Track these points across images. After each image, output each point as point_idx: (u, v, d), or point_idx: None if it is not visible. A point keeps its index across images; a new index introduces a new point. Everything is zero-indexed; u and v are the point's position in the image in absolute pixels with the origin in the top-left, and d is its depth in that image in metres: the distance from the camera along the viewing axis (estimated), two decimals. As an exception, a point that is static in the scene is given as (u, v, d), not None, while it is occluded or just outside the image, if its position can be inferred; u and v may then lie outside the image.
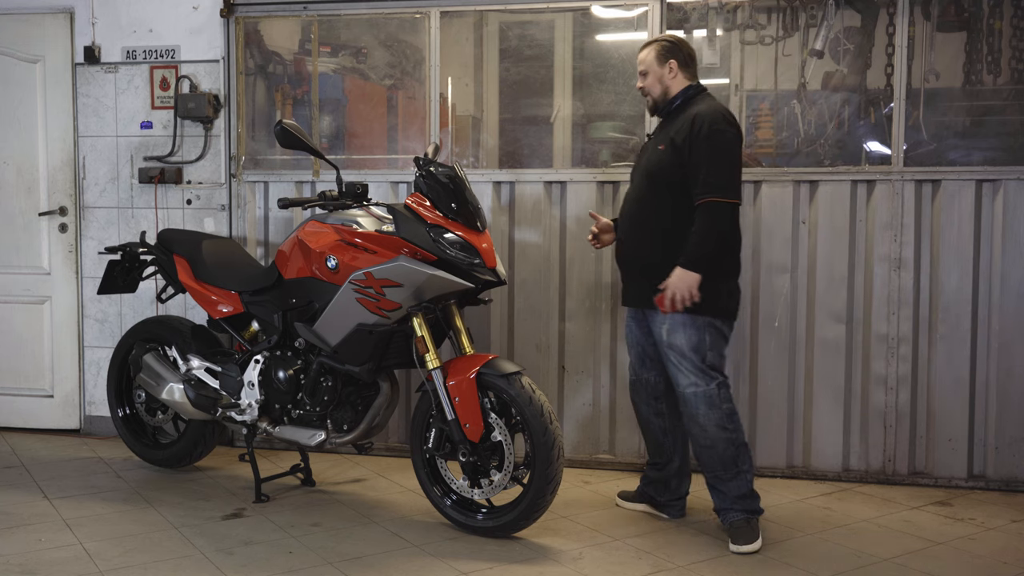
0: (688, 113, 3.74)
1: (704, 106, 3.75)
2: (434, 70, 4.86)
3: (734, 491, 3.76)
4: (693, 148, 3.65)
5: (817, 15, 4.69)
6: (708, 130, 3.65)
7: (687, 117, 3.73)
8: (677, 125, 3.76)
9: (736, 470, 3.75)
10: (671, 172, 3.72)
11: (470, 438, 3.70)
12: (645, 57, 3.90)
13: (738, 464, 3.75)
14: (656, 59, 3.87)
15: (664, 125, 3.89)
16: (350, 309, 3.80)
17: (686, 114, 3.75)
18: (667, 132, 3.80)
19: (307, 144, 3.97)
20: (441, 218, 3.74)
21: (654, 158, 3.81)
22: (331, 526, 3.92)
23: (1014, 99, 4.65)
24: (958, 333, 4.46)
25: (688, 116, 3.73)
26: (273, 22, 5.17)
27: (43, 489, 4.41)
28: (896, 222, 4.48)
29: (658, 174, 3.76)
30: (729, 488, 3.76)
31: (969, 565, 3.58)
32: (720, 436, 3.73)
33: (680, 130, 3.72)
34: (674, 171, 3.71)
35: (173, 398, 4.42)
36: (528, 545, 3.71)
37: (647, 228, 3.81)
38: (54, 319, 5.37)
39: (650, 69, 3.88)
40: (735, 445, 3.75)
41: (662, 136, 3.83)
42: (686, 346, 3.72)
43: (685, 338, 3.72)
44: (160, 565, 3.50)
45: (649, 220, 3.80)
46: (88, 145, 5.27)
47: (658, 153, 3.78)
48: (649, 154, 3.88)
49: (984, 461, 4.47)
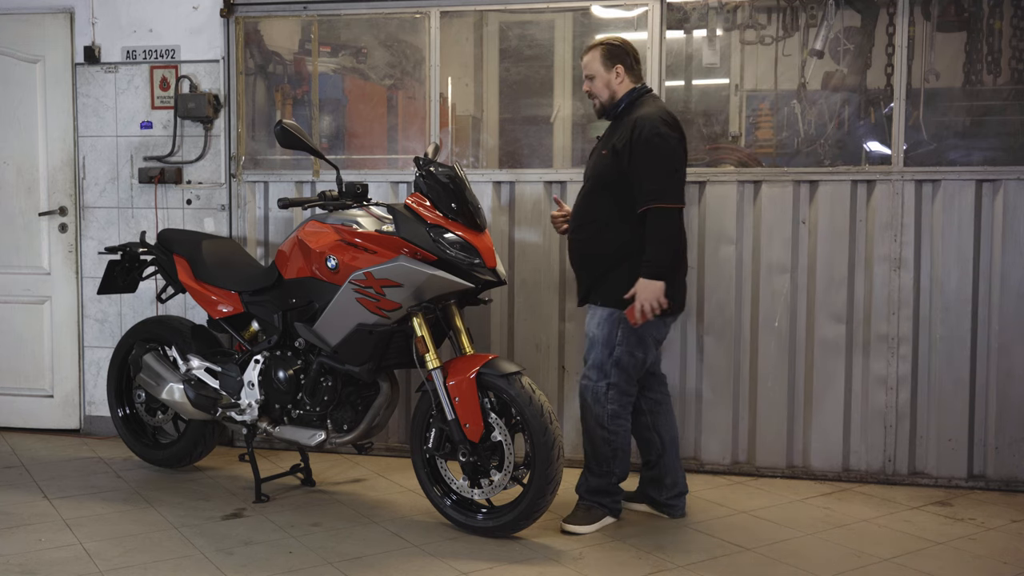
0: (629, 119, 3.82)
1: (645, 110, 3.80)
2: (434, 70, 4.86)
3: (594, 485, 3.92)
4: (633, 154, 3.72)
5: (817, 15, 4.69)
6: (647, 135, 3.70)
7: (628, 123, 3.81)
8: (618, 131, 3.84)
9: (606, 470, 3.89)
10: (611, 176, 3.81)
11: (470, 438, 3.70)
12: (591, 61, 3.92)
13: (610, 466, 3.88)
14: (603, 63, 3.90)
15: (611, 129, 3.94)
16: (350, 309, 3.80)
17: (629, 118, 3.83)
18: (608, 138, 3.90)
19: (307, 144, 3.97)
20: (441, 218, 3.74)
21: (599, 163, 3.89)
22: (331, 526, 3.92)
23: (1014, 99, 4.65)
24: (958, 333, 4.46)
25: (630, 121, 3.80)
26: (273, 22, 5.17)
27: (43, 489, 4.41)
28: (896, 222, 4.48)
29: (601, 179, 3.86)
30: (591, 481, 3.92)
31: (969, 565, 3.57)
32: (597, 433, 3.87)
33: (622, 136, 3.80)
34: (613, 174, 3.80)
35: (173, 398, 4.42)
36: (528, 545, 3.71)
37: (587, 231, 3.89)
38: (54, 319, 5.36)
39: (596, 73, 3.91)
40: (611, 447, 3.86)
41: (605, 141, 3.92)
42: (599, 338, 3.84)
43: (600, 331, 3.84)
44: (160, 565, 3.50)
45: (590, 222, 3.89)
46: (88, 145, 5.27)
47: (602, 158, 3.87)
48: (596, 158, 3.95)
49: (984, 461, 4.47)
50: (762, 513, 4.13)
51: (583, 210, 3.93)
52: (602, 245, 3.85)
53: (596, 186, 3.88)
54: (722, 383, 4.67)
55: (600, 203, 3.86)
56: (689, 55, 4.93)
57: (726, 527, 3.94)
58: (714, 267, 4.65)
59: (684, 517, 4.05)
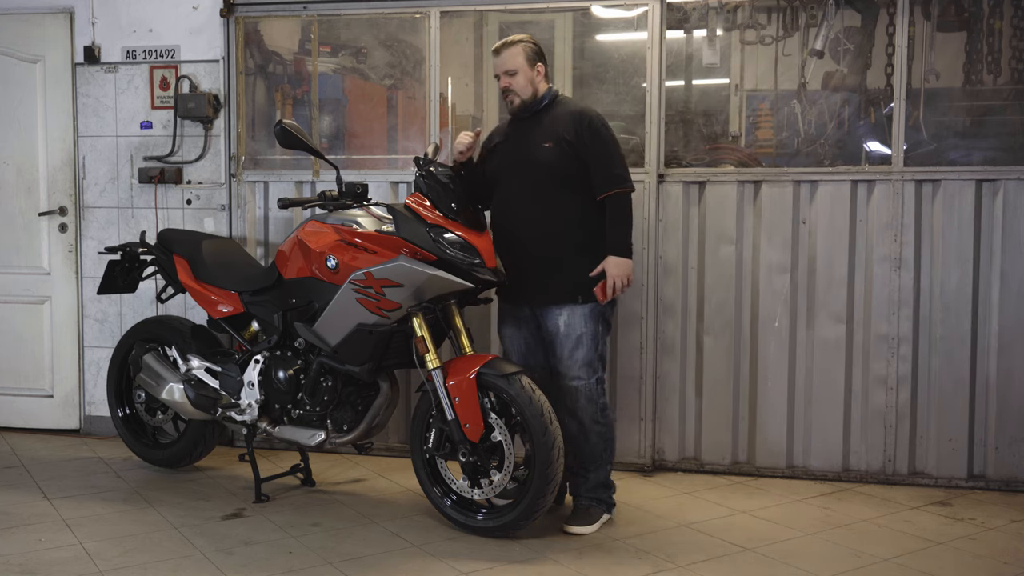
0: (563, 111, 3.89)
1: (577, 105, 3.97)
2: (434, 70, 4.86)
3: (594, 480, 3.93)
4: (589, 144, 3.81)
5: (817, 15, 4.69)
6: (597, 125, 3.85)
7: (566, 115, 3.87)
8: (554, 124, 3.86)
9: (601, 461, 3.93)
10: (566, 168, 3.83)
11: (470, 438, 3.70)
12: (513, 57, 3.91)
13: (605, 456, 3.94)
14: (527, 60, 3.92)
15: (529, 125, 3.92)
16: (350, 309, 3.80)
17: (560, 112, 3.89)
18: (543, 132, 3.87)
19: (307, 144, 3.97)
20: (441, 218, 3.74)
21: (540, 156, 3.85)
22: (331, 526, 3.92)
23: (1014, 99, 4.65)
24: (958, 333, 4.46)
25: (566, 114, 3.87)
26: (273, 22, 5.17)
27: (43, 489, 4.41)
28: (896, 222, 4.48)
29: (551, 171, 3.84)
30: (591, 477, 3.93)
31: (969, 565, 3.57)
32: (593, 429, 3.88)
33: (564, 128, 3.83)
34: (569, 167, 3.83)
35: (173, 398, 4.42)
36: (528, 545, 3.71)
37: (555, 225, 3.86)
38: (54, 319, 5.36)
39: (520, 69, 3.91)
40: (605, 439, 3.92)
41: (539, 136, 3.87)
42: (584, 337, 3.84)
43: (584, 329, 3.84)
44: (160, 565, 3.50)
45: (557, 217, 3.86)
46: (88, 145, 5.27)
47: (545, 151, 3.84)
48: (529, 152, 3.87)
49: (984, 461, 4.47)
50: (762, 513, 4.13)
51: (544, 206, 3.86)
52: (576, 240, 3.85)
53: (551, 179, 3.84)
54: (722, 383, 4.67)
55: (562, 197, 3.85)
56: (689, 55, 4.93)
57: (726, 527, 3.94)
58: (714, 267, 4.65)
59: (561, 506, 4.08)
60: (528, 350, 4.02)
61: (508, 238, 3.94)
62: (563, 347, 3.86)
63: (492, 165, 4.02)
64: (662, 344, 4.69)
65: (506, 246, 3.94)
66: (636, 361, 4.66)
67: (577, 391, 3.86)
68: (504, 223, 3.97)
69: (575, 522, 3.87)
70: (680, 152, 4.80)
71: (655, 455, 4.73)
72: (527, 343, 4.02)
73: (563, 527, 3.85)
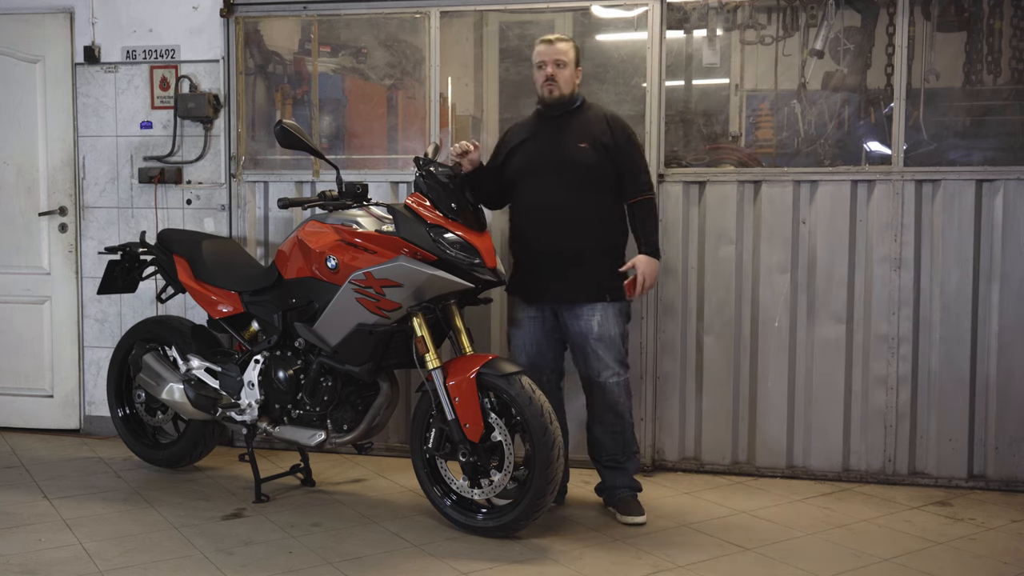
0: (594, 115, 3.98)
1: (607, 110, 4.07)
2: (434, 70, 4.86)
3: (632, 470, 4.05)
4: (622, 149, 3.94)
5: (817, 15, 4.69)
6: (629, 131, 4.00)
7: (599, 119, 3.96)
8: (588, 126, 3.93)
9: (633, 450, 4.07)
10: (602, 170, 3.91)
11: (470, 438, 3.70)
12: (566, 52, 3.97)
13: (634, 445, 4.08)
14: (575, 58, 4.00)
15: (560, 125, 3.96)
16: (350, 309, 3.80)
17: (591, 116, 3.97)
18: (577, 132, 3.93)
19: (307, 144, 3.97)
20: (441, 218, 3.74)
21: (577, 157, 3.90)
22: (331, 526, 3.92)
23: (1014, 99, 4.65)
24: (958, 333, 4.46)
25: (599, 118, 3.97)
26: (273, 22, 5.17)
27: (43, 489, 4.41)
28: (896, 222, 4.48)
29: (588, 172, 3.90)
30: (629, 467, 4.04)
31: (969, 565, 3.57)
32: (629, 421, 4.03)
33: (601, 131, 3.92)
34: (605, 169, 3.91)
35: (173, 398, 4.42)
36: (528, 545, 3.71)
37: (587, 225, 3.92)
38: (54, 319, 5.36)
39: (569, 65, 3.98)
40: (632, 428, 4.08)
41: (573, 136, 3.92)
42: (616, 335, 3.95)
43: (616, 328, 3.95)
44: (160, 565, 3.50)
45: (588, 217, 3.92)
46: (88, 145, 5.27)
47: (581, 151, 3.90)
48: (564, 152, 3.92)
49: (984, 461, 4.47)
50: (762, 513, 4.13)
51: (576, 205, 3.91)
52: (604, 240, 3.94)
53: (584, 180, 3.90)
54: (722, 383, 4.67)
55: (593, 198, 3.92)
56: (689, 55, 4.93)
57: (726, 527, 3.94)
58: (714, 267, 4.65)
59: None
60: (538, 351, 4.03)
61: (534, 236, 3.99)
62: (598, 346, 3.93)
63: (517, 162, 4.03)
64: (662, 344, 4.69)
65: (531, 244, 3.99)
66: (636, 361, 4.65)
67: (617, 387, 3.96)
68: (531, 221, 4.00)
69: (633, 512, 3.94)
70: (680, 152, 4.81)
71: (655, 455, 4.73)
72: (537, 343, 4.03)
73: (621, 520, 3.94)
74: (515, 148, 4.05)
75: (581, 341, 3.95)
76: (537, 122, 4.06)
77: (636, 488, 4.07)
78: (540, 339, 4.04)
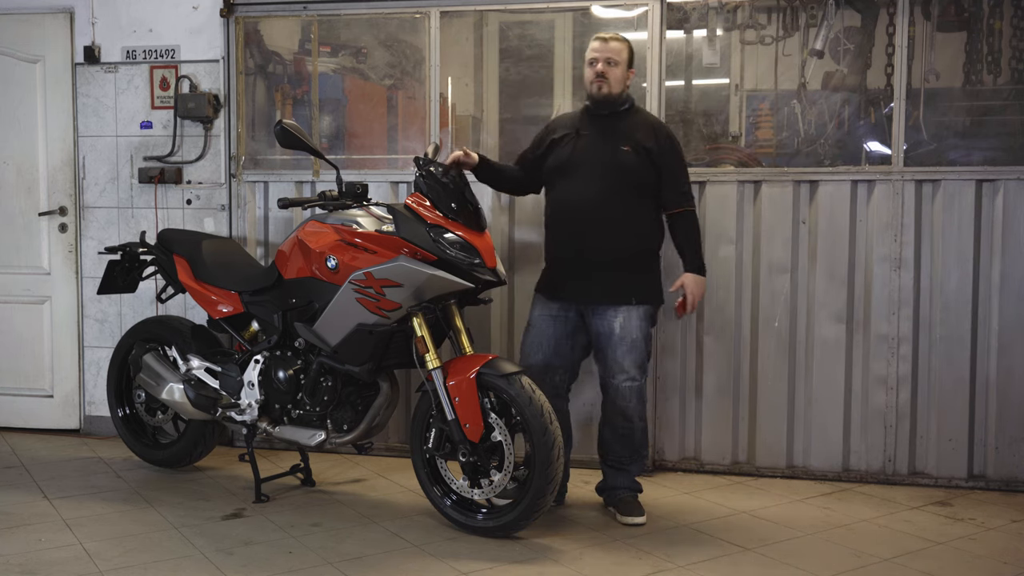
0: (641, 120, 3.98)
1: (654, 117, 4.11)
2: (434, 70, 4.86)
3: (635, 472, 4.05)
4: (665, 157, 3.93)
5: (817, 15, 4.69)
6: (675, 141, 4.00)
7: (645, 124, 3.96)
8: (633, 130, 3.92)
9: (642, 453, 4.08)
10: (643, 175, 3.90)
11: (470, 438, 3.70)
12: (620, 52, 3.96)
13: (643, 450, 4.09)
14: (628, 59, 3.99)
15: (608, 125, 3.95)
16: (350, 309, 3.80)
17: (639, 120, 3.97)
18: (622, 135, 3.92)
19: (307, 144, 3.97)
20: (441, 218, 3.74)
21: (619, 159, 3.90)
22: (331, 526, 3.92)
23: (1014, 99, 4.65)
24: (958, 333, 4.46)
25: (645, 124, 3.97)
26: (273, 22, 5.17)
27: (43, 489, 4.41)
28: (896, 222, 4.48)
29: (629, 175, 3.89)
30: (632, 469, 4.04)
31: (969, 565, 3.57)
32: (639, 426, 4.01)
33: (644, 136, 3.91)
34: (646, 175, 3.90)
35: (173, 398, 4.42)
36: (528, 545, 3.71)
37: (626, 228, 3.90)
38: (54, 319, 5.36)
39: (622, 64, 3.97)
40: (644, 434, 4.06)
41: (618, 138, 3.91)
42: (639, 339, 3.93)
43: (639, 331, 3.92)
44: (160, 565, 3.50)
45: (628, 221, 3.91)
46: (88, 145, 5.27)
47: (625, 155, 3.89)
48: (610, 154, 3.91)
49: (984, 461, 4.47)
50: (762, 513, 4.13)
51: (617, 208, 3.90)
52: (638, 244, 3.93)
53: (627, 184, 3.89)
54: (722, 383, 4.67)
55: (634, 202, 3.91)
56: (689, 55, 4.93)
57: (726, 527, 3.94)
58: (714, 267, 4.64)
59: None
60: (554, 350, 4.01)
61: (568, 234, 3.97)
62: (617, 348, 3.92)
63: (559, 157, 4.00)
64: (662, 344, 4.69)
65: (564, 241, 3.98)
66: (636, 361, 4.65)
67: (631, 391, 3.93)
68: (566, 219, 3.98)
69: (633, 512, 3.95)
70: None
71: (655, 455, 4.73)
72: (556, 342, 4.01)
73: (621, 520, 3.95)
74: (557, 141, 4.03)
75: (602, 342, 3.95)
76: (583, 118, 4.04)
77: (637, 489, 4.07)
78: (560, 338, 4.01)
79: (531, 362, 4.01)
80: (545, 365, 3.99)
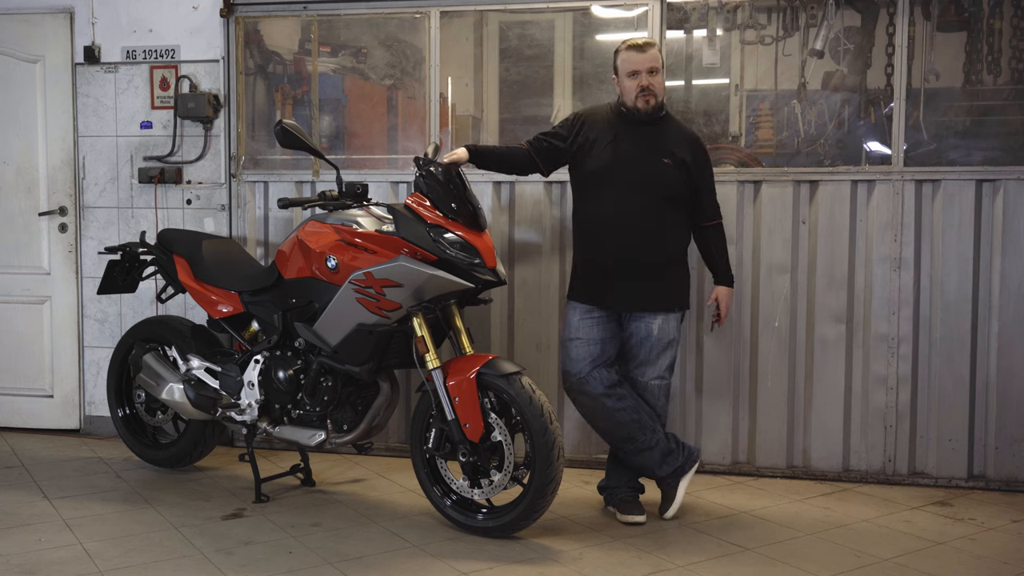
0: (674, 129, 3.98)
1: (685, 126, 4.08)
2: (434, 70, 4.86)
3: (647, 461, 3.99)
4: (701, 169, 3.96)
5: (817, 15, 4.69)
6: (707, 153, 4.02)
7: (680, 135, 3.95)
8: (672, 141, 3.91)
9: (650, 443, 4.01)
10: (680, 187, 3.92)
11: (470, 438, 3.70)
12: (657, 59, 3.90)
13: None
14: (663, 65, 3.97)
15: (647, 134, 3.91)
16: (350, 309, 3.80)
17: (673, 129, 3.96)
18: (661, 145, 3.89)
19: (307, 144, 3.97)
20: (441, 218, 3.74)
21: (660, 171, 3.88)
22: (331, 526, 3.92)
23: (1014, 99, 4.65)
24: (958, 333, 4.46)
25: (679, 133, 3.97)
26: (273, 22, 5.17)
27: (43, 489, 4.41)
28: (896, 222, 4.48)
29: (669, 187, 3.89)
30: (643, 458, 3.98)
31: (969, 565, 3.58)
32: (665, 421, 4.07)
33: (680, 147, 3.90)
34: (683, 187, 3.92)
35: (173, 398, 4.42)
36: (528, 545, 3.71)
37: (664, 237, 3.93)
38: (54, 319, 5.36)
39: (662, 71, 3.95)
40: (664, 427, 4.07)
41: (657, 148, 3.89)
42: (673, 341, 4.01)
43: (674, 333, 4.01)
44: (160, 565, 3.50)
45: (666, 230, 3.93)
46: (88, 145, 5.27)
47: (665, 167, 3.87)
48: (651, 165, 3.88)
49: (984, 461, 4.47)
50: (762, 513, 4.13)
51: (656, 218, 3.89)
52: (676, 253, 3.97)
53: (666, 194, 3.88)
54: (722, 383, 4.67)
55: (671, 212, 3.92)
56: (689, 55, 4.93)
57: (726, 527, 3.94)
58: (714, 267, 4.65)
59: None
60: (602, 352, 3.98)
61: (611, 243, 3.93)
62: (652, 350, 3.97)
63: (598, 164, 3.91)
64: (662, 344, 4.69)
65: (607, 250, 3.94)
66: (636, 361, 4.65)
67: (659, 388, 4.02)
68: (609, 228, 3.92)
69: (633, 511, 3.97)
70: (680, 152, 4.80)
71: (655, 455, 4.73)
72: (603, 344, 3.98)
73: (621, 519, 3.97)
74: (594, 145, 3.94)
75: (637, 342, 3.96)
76: (619, 124, 3.94)
77: (638, 488, 4.07)
78: (605, 339, 3.98)
79: (582, 366, 3.96)
80: (601, 365, 3.96)
